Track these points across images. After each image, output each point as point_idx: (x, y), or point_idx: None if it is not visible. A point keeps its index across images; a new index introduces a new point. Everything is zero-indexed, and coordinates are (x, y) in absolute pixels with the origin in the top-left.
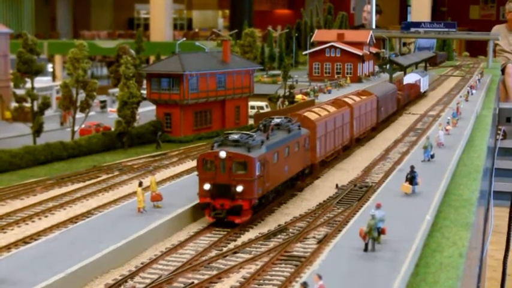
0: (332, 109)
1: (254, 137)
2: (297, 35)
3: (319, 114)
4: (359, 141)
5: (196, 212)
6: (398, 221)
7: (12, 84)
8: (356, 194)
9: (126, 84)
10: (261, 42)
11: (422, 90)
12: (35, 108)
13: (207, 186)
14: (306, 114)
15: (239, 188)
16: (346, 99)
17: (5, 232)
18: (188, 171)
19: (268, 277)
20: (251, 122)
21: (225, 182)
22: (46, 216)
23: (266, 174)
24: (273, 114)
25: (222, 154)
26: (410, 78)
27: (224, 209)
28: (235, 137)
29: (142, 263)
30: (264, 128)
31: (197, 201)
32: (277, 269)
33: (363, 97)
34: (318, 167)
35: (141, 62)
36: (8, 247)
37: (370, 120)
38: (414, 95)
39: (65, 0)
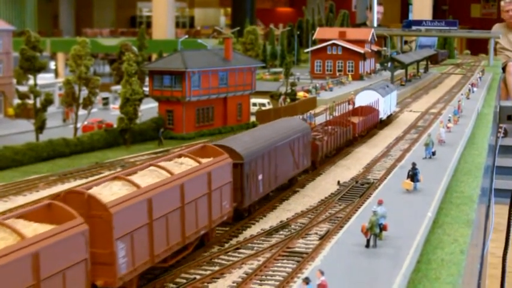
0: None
1: None
2: (298, 32)
3: None
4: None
5: None
6: (400, 218)
7: (15, 81)
8: (358, 190)
9: (128, 81)
10: (263, 40)
11: (383, 115)
12: (38, 105)
13: None
14: None
15: None
16: (105, 196)
17: None
18: None
19: (271, 273)
20: (253, 119)
21: None
22: None
23: None
24: (274, 112)
25: None
26: (364, 97)
27: None
28: None
29: None
30: None
31: None
32: (279, 264)
33: (185, 166)
34: None
35: (143, 59)
36: None
37: (206, 214)
38: (366, 126)
39: None
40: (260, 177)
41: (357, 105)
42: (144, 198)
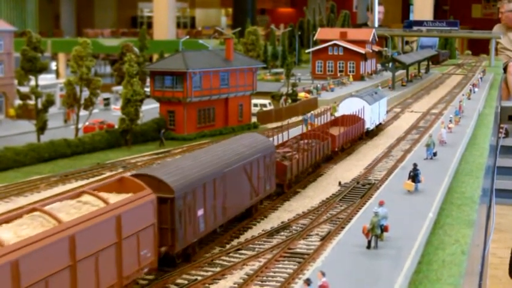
0: None
1: None
2: (299, 33)
3: None
4: None
5: None
6: (401, 219)
7: (16, 81)
8: (359, 191)
9: (129, 82)
10: (264, 40)
11: (370, 125)
12: (39, 105)
13: None
14: None
15: None
16: None
17: None
18: None
19: (272, 274)
20: (254, 119)
21: None
22: None
23: None
24: (275, 112)
25: None
26: (348, 106)
27: None
28: None
29: None
30: None
31: None
32: (280, 265)
33: (88, 208)
34: None
35: (144, 60)
36: None
37: (114, 270)
38: (349, 138)
39: None
40: (200, 212)
41: (340, 114)
42: (7, 261)
